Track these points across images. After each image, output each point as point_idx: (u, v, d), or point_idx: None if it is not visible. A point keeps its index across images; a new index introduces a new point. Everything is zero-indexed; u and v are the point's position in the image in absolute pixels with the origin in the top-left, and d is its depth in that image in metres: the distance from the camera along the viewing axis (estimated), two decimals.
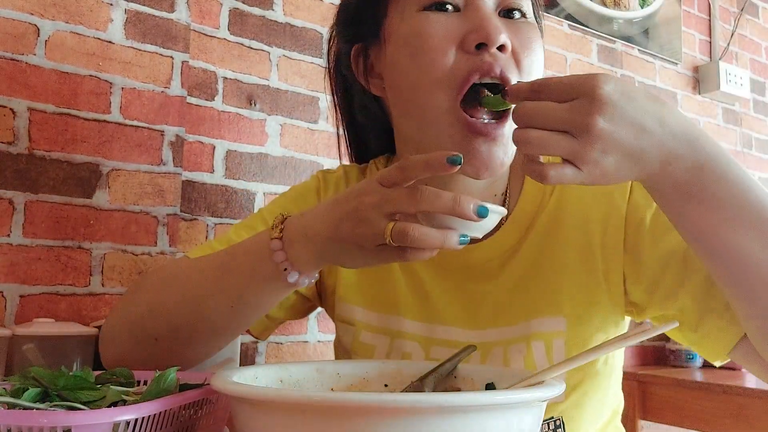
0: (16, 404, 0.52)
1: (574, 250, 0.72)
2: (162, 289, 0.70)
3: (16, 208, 1.07)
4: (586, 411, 0.71)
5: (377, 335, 0.77)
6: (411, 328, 0.76)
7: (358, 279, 0.79)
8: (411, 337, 0.75)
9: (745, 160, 2.38)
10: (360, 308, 0.78)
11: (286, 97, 1.37)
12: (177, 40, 1.24)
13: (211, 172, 1.27)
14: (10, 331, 0.94)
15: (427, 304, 0.76)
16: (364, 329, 0.78)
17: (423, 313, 0.76)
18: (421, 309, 0.76)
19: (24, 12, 1.10)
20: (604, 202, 0.72)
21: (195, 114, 1.26)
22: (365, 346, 0.77)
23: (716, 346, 0.65)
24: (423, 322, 0.76)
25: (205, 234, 1.25)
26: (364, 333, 0.78)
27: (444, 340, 0.74)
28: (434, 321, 0.75)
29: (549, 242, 0.73)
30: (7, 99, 1.07)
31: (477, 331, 0.73)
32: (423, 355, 0.75)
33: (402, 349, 0.75)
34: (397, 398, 0.42)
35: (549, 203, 0.75)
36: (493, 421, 0.43)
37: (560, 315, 0.71)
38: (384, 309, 0.77)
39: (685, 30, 2.24)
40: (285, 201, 0.86)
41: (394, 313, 0.77)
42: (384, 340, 0.76)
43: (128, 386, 0.62)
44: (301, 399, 0.43)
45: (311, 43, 1.42)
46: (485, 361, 0.73)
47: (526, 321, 0.72)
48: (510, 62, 0.65)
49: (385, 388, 0.63)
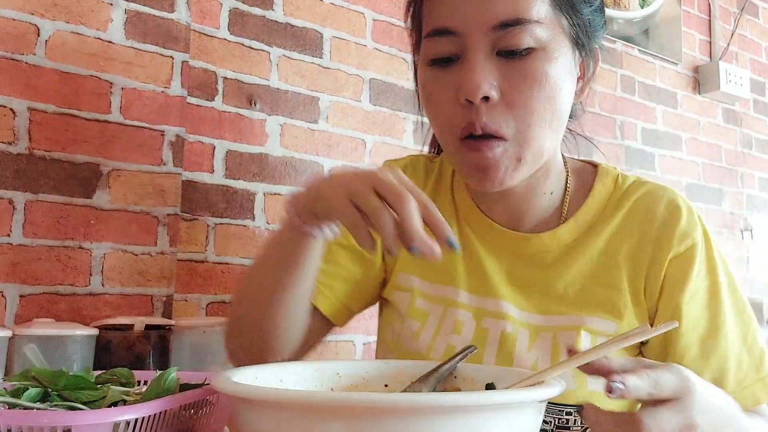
0: (16, 404, 0.52)
1: (632, 267, 0.76)
2: (241, 280, 0.79)
3: (16, 208, 1.07)
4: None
5: (432, 304, 0.81)
6: (465, 299, 0.79)
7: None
8: (464, 306, 0.79)
9: (745, 160, 2.39)
10: (417, 278, 0.83)
11: (286, 97, 1.37)
12: (177, 40, 1.24)
13: (212, 172, 1.27)
14: (10, 331, 0.95)
15: (482, 279, 0.80)
16: (420, 296, 0.82)
17: (478, 286, 0.80)
18: (476, 282, 0.80)
19: (24, 12, 1.10)
20: (666, 239, 0.76)
21: (195, 114, 1.26)
22: (419, 311, 0.81)
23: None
24: (477, 294, 0.79)
25: (206, 234, 1.25)
26: (419, 299, 0.82)
27: (496, 312, 0.78)
28: (488, 295, 0.79)
29: (608, 253, 0.77)
30: (8, 99, 1.07)
31: (526, 312, 0.77)
32: (474, 324, 0.78)
33: (455, 317, 0.79)
34: (397, 398, 0.42)
35: (614, 217, 0.78)
36: (493, 421, 0.43)
37: (615, 320, 0.75)
38: (441, 280, 0.81)
39: (685, 30, 2.24)
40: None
41: (450, 284, 0.81)
42: (438, 308, 0.80)
43: (128, 386, 0.62)
44: (301, 399, 0.43)
45: (311, 43, 1.42)
46: (533, 343, 0.75)
47: (579, 315, 0.75)
48: (496, 112, 0.67)
49: (385, 388, 0.63)
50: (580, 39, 0.72)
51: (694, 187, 2.19)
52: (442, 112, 0.70)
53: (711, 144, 2.28)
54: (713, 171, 2.27)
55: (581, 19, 0.71)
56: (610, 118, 1.99)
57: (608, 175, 0.81)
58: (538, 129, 0.68)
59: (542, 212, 0.79)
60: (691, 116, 2.23)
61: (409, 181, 0.55)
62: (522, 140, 0.68)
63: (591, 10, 0.73)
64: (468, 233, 0.82)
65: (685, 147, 2.19)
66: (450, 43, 0.68)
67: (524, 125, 0.67)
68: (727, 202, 2.30)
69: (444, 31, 0.68)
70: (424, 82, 0.72)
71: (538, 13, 0.67)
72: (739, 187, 2.35)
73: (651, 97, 2.11)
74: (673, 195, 0.78)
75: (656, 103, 2.13)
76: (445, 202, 0.85)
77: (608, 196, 0.79)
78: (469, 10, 0.67)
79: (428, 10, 0.72)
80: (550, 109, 0.68)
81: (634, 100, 2.06)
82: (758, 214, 2.40)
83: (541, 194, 0.79)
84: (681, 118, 2.20)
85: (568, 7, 0.70)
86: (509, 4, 0.66)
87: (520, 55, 0.67)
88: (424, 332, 0.79)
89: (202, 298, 1.24)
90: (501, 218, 0.81)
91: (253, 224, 1.31)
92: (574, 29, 0.71)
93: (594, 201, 0.79)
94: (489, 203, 0.81)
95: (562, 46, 0.69)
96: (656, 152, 2.10)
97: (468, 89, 0.66)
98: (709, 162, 2.26)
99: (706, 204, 2.23)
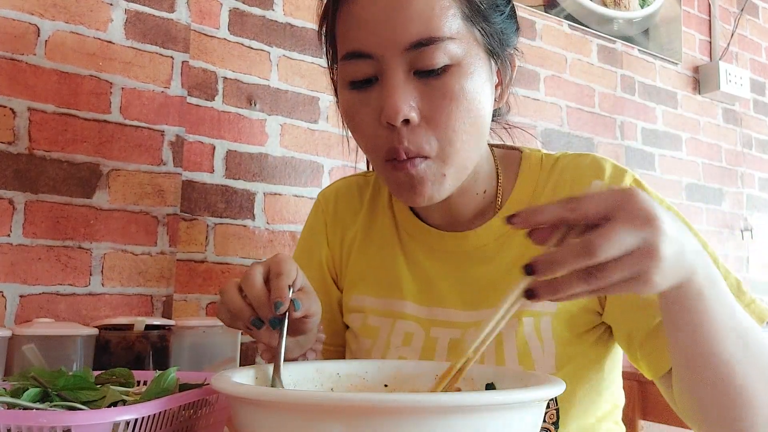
0: (16, 404, 0.52)
1: None
2: None
3: (16, 208, 1.07)
4: (578, 392, 0.74)
5: (382, 318, 0.82)
6: (412, 311, 0.80)
7: (365, 270, 0.86)
8: (412, 318, 0.80)
9: (745, 160, 2.39)
10: (368, 296, 0.84)
11: (286, 97, 1.37)
12: (177, 40, 1.24)
13: (211, 172, 1.27)
14: (10, 331, 0.94)
15: (427, 288, 0.81)
16: (372, 314, 0.83)
17: (424, 296, 0.81)
18: (422, 293, 0.81)
19: (24, 12, 1.10)
20: None
21: (195, 114, 1.26)
22: (371, 328, 0.82)
23: (658, 363, 0.69)
24: (423, 305, 0.80)
25: (205, 234, 1.25)
26: (371, 317, 0.83)
27: (443, 321, 0.78)
28: (434, 304, 0.80)
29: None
30: (7, 99, 1.07)
31: (473, 311, 0.77)
32: (423, 334, 0.79)
33: (404, 329, 0.80)
34: (397, 398, 0.42)
35: (543, 194, 0.79)
36: (493, 421, 0.43)
37: None
38: (388, 294, 0.83)
39: (685, 30, 2.24)
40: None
41: (396, 297, 0.82)
42: (387, 321, 0.81)
43: (128, 386, 0.62)
44: (301, 399, 0.43)
45: (311, 43, 1.42)
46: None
47: (520, 300, 0.74)
48: (417, 133, 0.67)
49: (385, 388, 0.63)
50: (494, 48, 0.72)
51: (694, 187, 2.19)
52: (366, 134, 0.71)
53: (711, 144, 2.28)
54: (713, 171, 2.27)
55: (493, 28, 0.71)
56: (610, 118, 1.99)
57: (532, 157, 0.82)
58: (460, 144, 0.69)
59: (477, 209, 0.80)
60: (691, 116, 2.23)
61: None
62: (445, 156, 0.69)
63: (502, 18, 0.73)
64: (410, 243, 0.83)
65: (685, 147, 2.19)
66: (367, 65, 0.68)
67: (446, 142, 0.68)
68: (727, 202, 2.30)
69: (359, 54, 0.68)
70: (346, 106, 0.73)
71: (450, 29, 0.67)
72: (739, 187, 2.35)
73: (651, 97, 2.11)
74: (596, 157, 0.79)
75: (656, 103, 2.13)
76: (384, 217, 0.87)
77: (535, 176, 0.80)
78: (383, 32, 0.66)
79: (342, 32, 0.71)
80: (470, 123, 0.69)
81: (634, 100, 2.06)
82: (758, 214, 2.40)
83: (474, 194, 0.80)
84: (681, 118, 2.20)
85: (479, 18, 0.70)
86: (421, 23, 0.66)
87: (436, 73, 0.67)
88: (375, 348, 0.80)
89: (201, 298, 1.24)
90: (439, 222, 0.82)
91: (253, 224, 1.31)
92: (487, 39, 0.71)
93: (522, 185, 0.80)
94: (426, 210, 0.82)
95: (477, 59, 0.69)
96: (656, 152, 2.10)
97: (388, 114, 0.66)
98: (709, 162, 2.26)
99: (706, 204, 2.23)
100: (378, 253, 0.85)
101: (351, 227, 0.89)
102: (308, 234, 0.93)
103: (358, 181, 0.93)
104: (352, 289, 0.86)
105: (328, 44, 0.77)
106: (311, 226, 0.93)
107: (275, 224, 1.33)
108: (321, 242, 0.90)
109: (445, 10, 0.67)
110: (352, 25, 0.69)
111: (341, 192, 0.92)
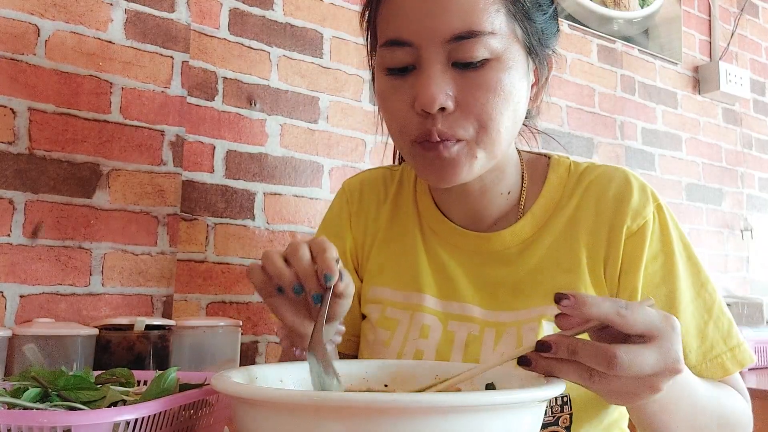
0: (16, 404, 0.52)
1: (590, 249, 0.77)
2: None
3: (16, 208, 1.07)
4: (592, 398, 0.74)
5: (401, 311, 0.82)
6: (431, 304, 0.81)
7: (386, 262, 0.86)
8: (431, 311, 0.81)
9: (745, 160, 2.39)
10: (387, 288, 0.85)
11: (286, 97, 1.37)
12: (177, 40, 1.24)
13: (211, 172, 1.27)
14: (11, 331, 0.95)
15: (447, 284, 0.81)
16: (390, 306, 0.84)
17: (443, 291, 0.81)
18: (441, 287, 0.82)
19: (24, 12, 1.10)
20: (619, 218, 0.76)
21: (195, 114, 1.26)
22: (390, 320, 0.83)
23: None
24: (443, 299, 0.81)
25: (205, 234, 1.25)
26: (389, 309, 0.83)
27: (460, 315, 0.79)
28: (452, 298, 0.80)
29: (566, 239, 0.78)
30: (8, 99, 1.07)
31: (492, 311, 0.78)
32: (441, 328, 0.79)
33: (422, 322, 0.80)
34: (397, 398, 0.42)
35: (569, 204, 0.79)
36: (493, 421, 0.43)
37: None
38: (407, 287, 0.83)
39: (685, 30, 2.24)
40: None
41: (416, 290, 0.82)
42: (406, 314, 0.82)
43: (128, 386, 0.62)
44: (301, 399, 0.43)
45: (311, 43, 1.42)
46: (499, 340, 0.76)
47: (543, 306, 0.76)
48: (455, 120, 0.68)
49: (385, 388, 0.63)
50: (533, 47, 0.72)
51: (694, 187, 2.19)
52: (398, 118, 0.71)
53: (711, 144, 2.28)
54: (713, 171, 2.27)
55: (535, 27, 0.72)
56: (610, 118, 1.99)
57: (560, 165, 0.82)
58: (495, 132, 0.69)
59: (500, 211, 0.81)
60: (691, 116, 2.23)
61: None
62: (479, 140, 0.69)
63: (545, 18, 0.73)
64: (432, 238, 0.84)
65: (685, 147, 2.19)
66: (406, 53, 0.69)
67: (482, 128, 0.69)
68: (727, 202, 2.30)
69: (399, 42, 0.69)
70: (382, 90, 0.73)
71: (492, 25, 0.67)
72: (739, 187, 2.35)
73: (651, 97, 2.11)
74: (624, 174, 0.79)
75: (656, 103, 2.13)
76: (408, 209, 0.87)
77: (562, 185, 0.81)
78: (424, 22, 0.67)
79: (383, 19, 0.71)
80: (506, 114, 0.69)
81: (634, 100, 2.06)
82: (758, 214, 2.40)
83: (498, 194, 0.80)
84: (681, 118, 2.20)
85: (522, 16, 0.70)
86: (464, 17, 0.66)
87: (475, 66, 0.68)
88: (393, 340, 0.81)
89: (202, 298, 1.24)
90: (461, 220, 0.82)
91: (253, 224, 1.31)
92: (527, 37, 0.71)
93: (549, 192, 0.81)
94: (449, 205, 0.83)
95: (516, 55, 0.70)
96: (656, 152, 2.10)
97: (424, 101, 0.67)
98: (709, 162, 2.26)
99: (706, 204, 2.23)
100: (400, 246, 0.86)
101: (375, 219, 0.89)
102: (332, 222, 0.93)
103: (383, 174, 0.93)
104: (371, 281, 0.86)
105: (369, 30, 0.77)
106: (336, 214, 0.93)
107: (275, 224, 1.33)
108: (345, 231, 0.90)
109: (488, 5, 0.67)
110: (395, 13, 0.69)
111: (366, 183, 0.93)
